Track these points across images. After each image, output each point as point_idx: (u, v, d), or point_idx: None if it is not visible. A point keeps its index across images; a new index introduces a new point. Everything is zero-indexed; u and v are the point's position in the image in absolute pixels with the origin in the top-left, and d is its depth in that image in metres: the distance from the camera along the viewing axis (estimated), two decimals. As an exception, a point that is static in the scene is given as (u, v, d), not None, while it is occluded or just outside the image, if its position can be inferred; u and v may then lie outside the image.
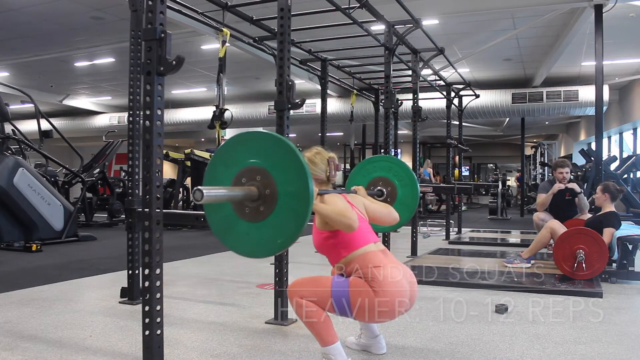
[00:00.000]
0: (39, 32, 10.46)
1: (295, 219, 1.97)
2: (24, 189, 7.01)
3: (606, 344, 2.88)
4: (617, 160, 11.88)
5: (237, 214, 2.10)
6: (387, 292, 2.25)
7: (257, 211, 2.05)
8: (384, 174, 3.40)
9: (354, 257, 2.37)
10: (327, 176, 2.52)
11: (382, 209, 2.69)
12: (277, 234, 2.02)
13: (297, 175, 1.96)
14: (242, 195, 2.03)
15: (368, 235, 2.46)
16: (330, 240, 2.42)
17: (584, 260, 4.44)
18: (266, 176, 2.02)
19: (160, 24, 2.32)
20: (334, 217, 2.29)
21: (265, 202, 2.03)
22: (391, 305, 2.27)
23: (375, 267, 2.31)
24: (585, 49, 10.78)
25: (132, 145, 3.80)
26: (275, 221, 2.01)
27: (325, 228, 2.42)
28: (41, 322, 3.25)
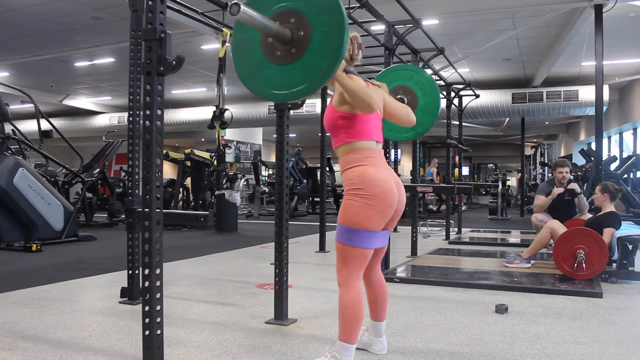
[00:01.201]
0: (39, 32, 10.47)
1: (330, 56, 1.97)
2: (24, 189, 7.01)
3: (606, 344, 2.88)
4: (617, 160, 11.89)
5: (267, 58, 2.10)
6: (376, 192, 2.31)
7: (288, 53, 2.05)
8: (405, 82, 3.39)
9: (353, 148, 2.41)
10: (350, 55, 2.48)
11: (400, 107, 2.71)
12: (307, 75, 2.03)
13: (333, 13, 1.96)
14: (276, 30, 2.02)
15: (375, 132, 2.49)
16: (341, 120, 2.43)
17: (584, 260, 4.44)
18: (300, 17, 2.02)
19: (160, 24, 2.32)
20: (357, 92, 2.26)
21: (298, 43, 2.02)
22: (382, 203, 2.32)
23: (362, 165, 2.37)
24: (585, 49, 10.80)
25: (132, 145, 3.79)
26: (308, 61, 2.01)
27: (342, 107, 2.42)
28: (41, 322, 3.25)
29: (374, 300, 2.63)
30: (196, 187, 10.76)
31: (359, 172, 2.37)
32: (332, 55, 1.97)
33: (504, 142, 25.48)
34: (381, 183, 2.34)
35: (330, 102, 2.51)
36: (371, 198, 2.31)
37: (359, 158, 2.40)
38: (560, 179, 5.73)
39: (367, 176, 2.35)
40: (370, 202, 2.31)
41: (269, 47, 2.10)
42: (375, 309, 2.64)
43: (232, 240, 8.00)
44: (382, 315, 2.64)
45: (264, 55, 2.12)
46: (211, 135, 20.12)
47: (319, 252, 6.52)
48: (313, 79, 2.04)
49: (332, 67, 1.99)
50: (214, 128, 8.48)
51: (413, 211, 6.43)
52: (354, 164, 2.40)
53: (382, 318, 2.65)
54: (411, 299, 3.93)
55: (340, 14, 1.96)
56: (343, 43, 1.95)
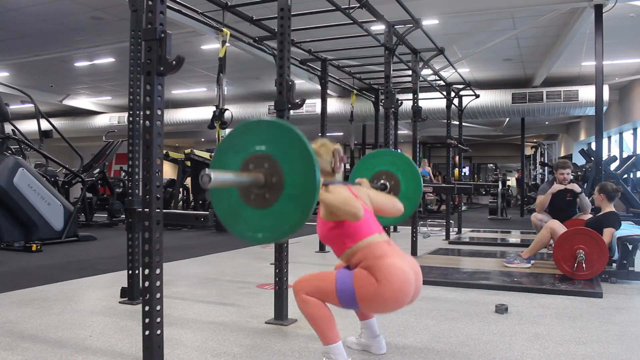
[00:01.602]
0: (39, 32, 10.46)
1: (301, 208, 1.97)
2: (24, 189, 7.01)
3: (606, 344, 2.88)
4: (617, 160, 11.88)
5: (242, 201, 2.10)
6: (392, 281, 2.24)
7: (262, 198, 2.05)
8: (387, 167, 3.41)
9: (359, 247, 2.37)
10: (332, 168, 2.51)
11: (386, 200, 2.70)
12: (281, 222, 2.03)
13: (305, 164, 1.96)
14: (249, 181, 2.03)
15: (373, 226, 2.46)
16: (335, 230, 2.42)
17: (584, 260, 4.44)
18: (273, 164, 2.02)
19: (160, 24, 2.32)
20: (339, 206, 2.29)
21: (271, 189, 2.03)
22: (396, 294, 2.25)
23: (380, 257, 2.31)
24: (585, 49, 10.79)
25: (132, 145, 3.80)
26: (280, 209, 2.01)
27: (330, 218, 2.42)
28: (41, 322, 3.25)
29: None
30: (196, 187, 10.75)
31: (379, 263, 2.29)
32: (304, 207, 1.96)
33: (504, 142, 25.46)
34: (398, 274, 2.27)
35: (318, 215, 2.50)
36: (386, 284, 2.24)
37: (369, 254, 2.34)
38: (561, 180, 5.73)
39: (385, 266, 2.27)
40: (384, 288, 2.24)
41: (244, 190, 2.10)
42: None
43: (232, 240, 7.99)
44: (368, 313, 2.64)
45: (239, 197, 2.12)
46: (211, 135, 20.13)
47: (318, 252, 6.52)
48: (284, 227, 2.03)
49: (304, 217, 1.97)
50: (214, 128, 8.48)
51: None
52: (369, 258, 2.32)
53: (370, 315, 2.64)
54: (411, 299, 3.93)
55: (311, 166, 1.94)
56: (314, 199, 1.94)
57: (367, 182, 2.80)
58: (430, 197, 14.98)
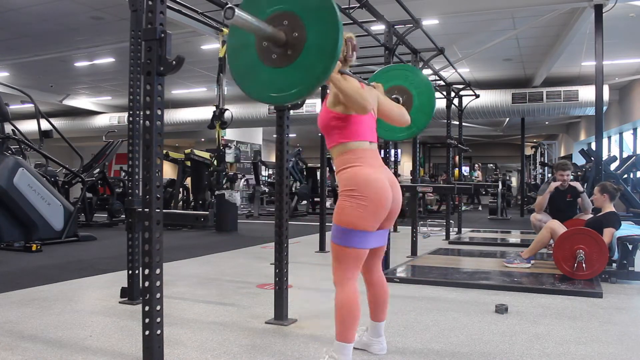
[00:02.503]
0: (39, 32, 10.47)
1: (325, 56, 1.97)
2: (24, 189, 7.01)
3: (606, 344, 2.88)
4: (617, 160, 11.89)
5: (263, 61, 2.10)
6: (369, 193, 2.31)
7: (284, 55, 2.04)
8: (400, 82, 3.39)
9: (348, 147, 2.41)
10: (344, 56, 2.48)
11: (394, 107, 2.71)
12: (304, 76, 2.02)
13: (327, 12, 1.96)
14: (270, 32, 2.02)
15: (369, 132, 2.49)
16: (335, 121, 2.43)
17: (584, 260, 4.44)
18: (294, 19, 2.02)
19: (160, 24, 2.32)
20: (351, 93, 2.27)
21: (293, 45, 2.02)
22: (376, 204, 2.32)
23: (356, 165, 2.37)
24: (585, 49, 10.79)
25: (132, 145, 3.79)
26: (304, 62, 2.01)
27: (335, 108, 2.42)
28: (41, 322, 3.25)
29: (374, 300, 2.62)
30: (196, 187, 10.76)
31: (352, 172, 2.37)
32: (328, 55, 1.97)
33: (504, 142, 25.48)
34: (375, 183, 2.34)
35: (324, 103, 2.51)
36: (364, 199, 2.31)
37: (353, 159, 2.40)
38: (561, 182, 5.74)
39: (360, 177, 2.35)
40: (364, 202, 2.31)
41: (265, 51, 2.10)
42: (375, 309, 2.63)
43: (232, 240, 8.00)
44: (381, 315, 2.64)
45: (260, 59, 2.11)
46: (211, 135, 20.15)
47: (319, 252, 6.52)
48: (310, 80, 2.04)
49: (329, 67, 1.98)
50: (214, 128, 8.49)
51: (413, 211, 6.43)
52: (348, 164, 2.40)
53: (382, 318, 2.64)
54: (411, 299, 3.93)
55: (333, 12, 1.96)
56: (338, 42, 1.95)
57: (381, 87, 2.80)
58: (430, 197, 14.98)
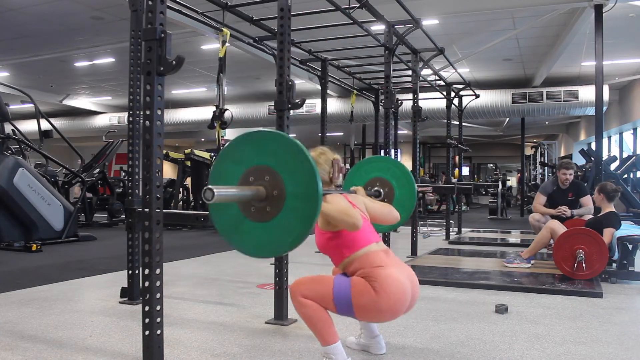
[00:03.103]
0: (39, 32, 10.46)
1: (303, 220, 1.96)
2: (24, 189, 7.01)
3: (606, 344, 2.88)
4: (617, 160, 11.88)
5: (243, 214, 2.09)
6: (388, 291, 2.24)
7: (263, 211, 2.04)
8: (381, 174, 3.40)
9: (357, 257, 2.37)
10: (331, 178, 2.51)
11: (382, 208, 2.68)
12: (283, 235, 2.01)
13: (306, 176, 1.95)
14: (251, 195, 2.02)
15: (370, 235, 2.46)
16: (333, 240, 2.42)
17: (584, 260, 4.44)
18: (275, 177, 2.01)
19: (160, 24, 2.32)
20: (338, 216, 2.28)
21: (272, 202, 2.02)
22: (393, 304, 2.26)
23: (377, 267, 2.30)
24: (585, 49, 10.79)
25: (132, 145, 3.79)
26: (282, 222, 2.00)
27: (328, 228, 2.42)
28: (41, 322, 3.25)
29: None
30: (196, 187, 10.76)
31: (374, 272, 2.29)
32: (305, 219, 1.95)
33: (504, 142, 25.46)
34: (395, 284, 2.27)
35: (316, 225, 2.48)
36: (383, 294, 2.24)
37: (365, 263, 2.34)
38: (563, 181, 5.74)
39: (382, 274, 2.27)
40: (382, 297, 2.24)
41: (245, 204, 2.08)
42: None
43: (232, 240, 7.99)
44: None
45: (240, 211, 2.10)
46: (211, 135, 20.13)
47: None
48: (288, 239, 2.01)
49: (306, 230, 1.96)
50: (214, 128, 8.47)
51: (413, 211, 6.43)
52: (365, 267, 2.33)
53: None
54: (411, 299, 3.93)
55: (313, 178, 1.93)
56: (317, 208, 1.93)
57: (362, 190, 2.78)
58: (430, 197, 14.99)
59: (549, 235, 5.12)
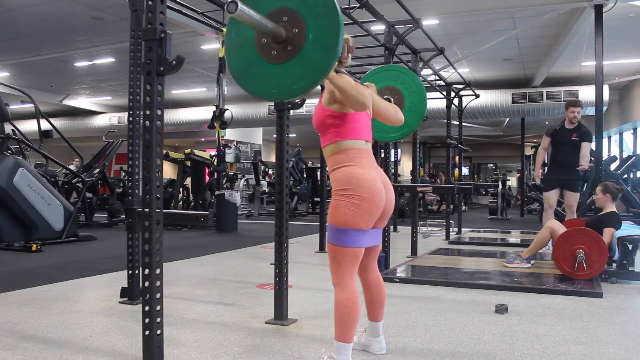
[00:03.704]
0: (39, 32, 10.47)
1: (327, 49, 1.96)
2: (24, 189, 7.00)
3: (606, 344, 2.88)
4: (617, 160, 11.89)
5: (263, 58, 2.09)
6: (363, 192, 2.31)
7: (284, 51, 2.04)
8: (391, 83, 3.38)
9: (342, 146, 2.41)
10: (340, 57, 2.45)
11: (388, 106, 2.70)
12: (305, 71, 2.01)
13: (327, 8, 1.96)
14: (271, 27, 2.01)
15: (365, 131, 2.49)
16: (331, 119, 2.43)
17: (584, 260, 4.44)
18: (293, 15, 2.02)
19: (160, 24, 2.32)
20: (350, 90, 2.26)
21: (293, 40, 2.01)
22: (369, 204, 2.32)
23: (350, 165, 2.36)
24: (585, 49, 10.80)
25: (132, 145, 3.79)
26: (305, 56, 2.00)
27: (331, 106, 2.42)
28: (41, 322, 3.25)
29: (371, 300, 2.62)
30: (196, 187, 10.76)
31: (346, 172, 2.37)
32: (330, 50, 1.97)
33: (504, 142, 25.49)
34: (368, 183, 2.34)
35: (320, 101, 2.50)
36: (358, 198, 2.32)
37: (346, 158, 2.40)
38: (571, 119, 5.78)
39: (354, 176, 2.34)
40: (358, 201, 2.31)
41: (264, 48, 2.09)
42: (372, 309, 2.62)
43: (232, 240, 8.00)
44: (379, 315, 2.63)
45: (259, 55, 2.11)
46: (211, 135, 20.16)
47: (319, 252, 6.52)
48: (312, 74, 2.04)
49: (331, 60, 1.97)
50: (214, 128, 8.49)
51: (413, 211, 6.43)
52: (342, 164, 2.40)
53: (379, 318, 2.64)
54: (411, 299, 3.93)
55: (333, 7, 1.96)
56: (339, 36, 1.95)
57: (374, 86, 2.79)
58: (430, 197, 14.98)
59: (548, 235, 5.12)
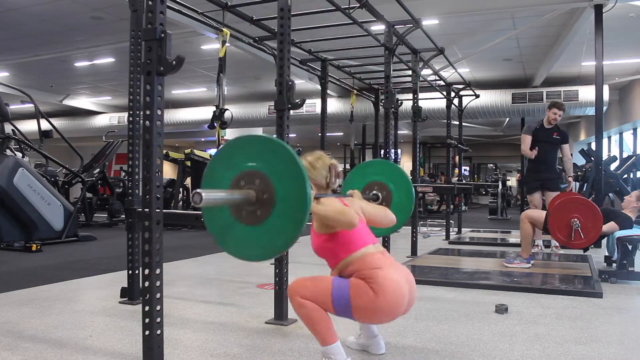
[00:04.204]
0: (38, 32, 10.46)
1: (293, 223, 1.98)
2: (24, 189, 7.01)
3: (606, 344, 2.88)
4: (617, 160, 11.88)
5: (234, 218, 2.10)
6: (386, 292, 2.24)
7: (254, 215, 2.05)
8: (379, 178, 3.40)
9: (353, 259, 2.36)
10: (327, 182, 2.52)
11: (378, 211, 2.68)
12: (274, 238, 2.03)
13: (295, 179, 1.97)
14: (240, 199, 2.03)
15: (366, 237, 2.46)
16: (329, 243, 2.42)
17: (580, 228, 4.45)
18: (264, 180, 2.03)
19: (160, 24, 2.32)
20: (333, 216, 2.28)
21: (262, 206, 2.03)
22: (390, 306, 2.26)
23: (375, 268, 2.30)
24: (585, 49, 10.79)
25: (132, 145, 3.79)
26: (272, 225, 2.02)
27: (323, 231, 2.42)
28: (41, 322, 3.25)
29: None
30: (196, 187, 10.75)
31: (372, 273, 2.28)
32: (296, 222, 1.97)
33: (504, 142, 25.46)
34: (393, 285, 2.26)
35: (312, 228, 2.49)
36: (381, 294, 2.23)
37: (363, 265, 2.33)
38: (551, 119, 5.84)
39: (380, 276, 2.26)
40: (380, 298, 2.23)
41: (236, 208, 2.09)
42: None
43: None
44: None
45: (231, 215, 2.11)
46: (211, 135, 20.13)
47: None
48: (279, 241, 2.03)
49: (297, 232, 1.97)
50: (214, 128, 8.48)
51: (413, 211, 6.43)
52: (364, 269, 2.32)
53: None
54: (411, 299, 3.93)
55: (302, 181, 1.95)
56: (306, 210, 1.94)
57: (358, 193, 2.78)
58: (430, 197, 14.99)
59: (530, 225, 5.12)
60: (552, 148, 5.95)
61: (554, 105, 5.90)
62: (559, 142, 5.93)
